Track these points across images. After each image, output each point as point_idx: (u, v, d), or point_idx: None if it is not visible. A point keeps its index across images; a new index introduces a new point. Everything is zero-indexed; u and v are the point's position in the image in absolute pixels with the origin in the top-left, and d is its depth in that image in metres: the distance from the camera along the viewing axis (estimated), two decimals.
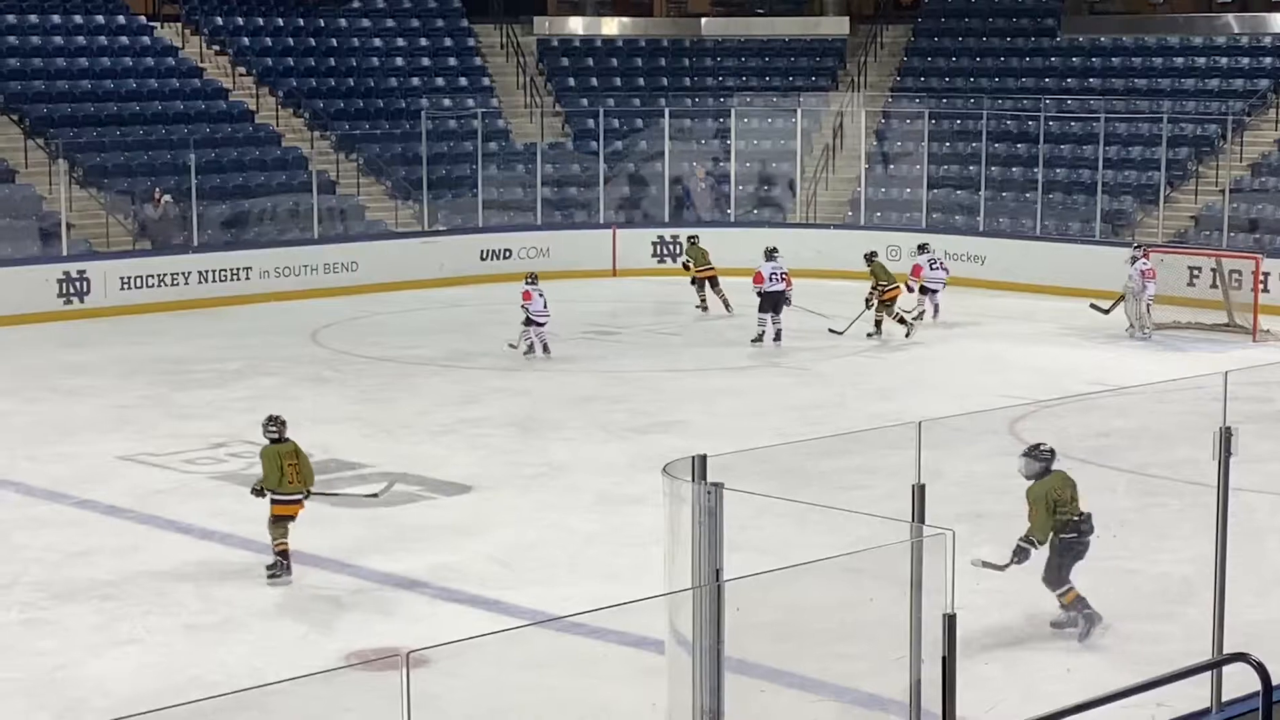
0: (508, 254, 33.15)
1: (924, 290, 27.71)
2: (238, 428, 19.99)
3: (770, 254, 26.03)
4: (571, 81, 38.82)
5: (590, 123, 36.63)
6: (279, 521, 14.34)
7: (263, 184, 32.66)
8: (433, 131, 35.11)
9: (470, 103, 36.88)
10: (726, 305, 28.30)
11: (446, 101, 37.06)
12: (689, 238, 30.56)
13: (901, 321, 26.18)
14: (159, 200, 30.45)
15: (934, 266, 27.86)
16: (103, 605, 13.71)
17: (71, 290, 28.26)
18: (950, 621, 8.19)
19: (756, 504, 9.47)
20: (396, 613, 13.66)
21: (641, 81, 39.16)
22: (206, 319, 27.82)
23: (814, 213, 35.32)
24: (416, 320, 28.71)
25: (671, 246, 33.87)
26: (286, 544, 14.31)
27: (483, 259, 32.98)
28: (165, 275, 29.18)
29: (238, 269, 29.95)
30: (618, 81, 39.07)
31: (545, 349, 24.47)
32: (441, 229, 33.58)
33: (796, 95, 37.43)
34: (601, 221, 34.70)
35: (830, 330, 26.06)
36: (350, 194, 33.75)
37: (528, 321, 24.45)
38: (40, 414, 20.93)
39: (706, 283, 28.93)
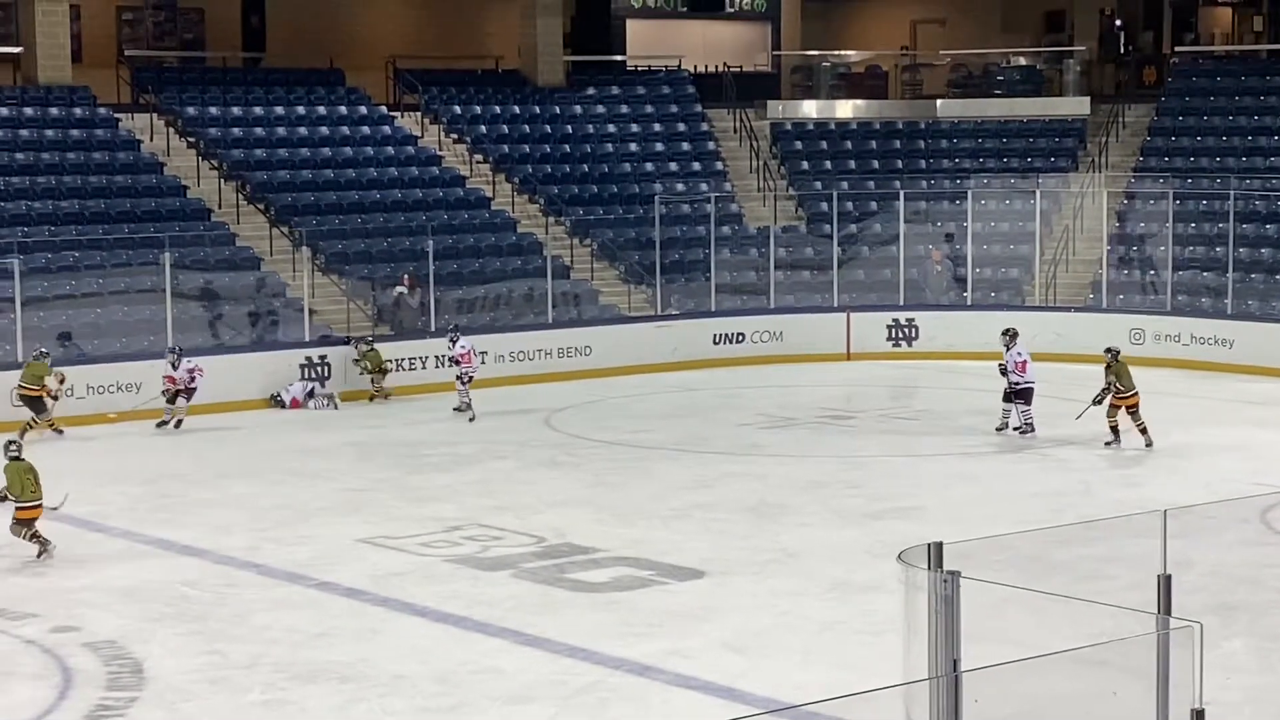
0: (740, 338, 33.13)
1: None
2: (472, 511, 20.16)
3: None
4: (805, 165, 38.78)
5: (824, 206, 36.52)
6: (21, 524, 17.77)
7: (498, 269, 33.08)
8: (666, 216, 35.28)
9: (704, 187, 37.03)
10: (385, 395, 28.77)
11: (680, 186, 37.26)
12: (367, 342, 29.08)
13: (1144, 432, 23.87)
14: (412, 285, 30.85)
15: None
16: (341, 687, 13.83)
17: (315, 375, 28.82)
18: (1199, 718, 7.92)
19: (995, 593, 9.24)
20: (631, 699, 13.56)
21: (876, 164, 38.97)
22: (441, 403, 28.17)
23: (1054, 295, 34.73)
24: (649, 404, 28.76)
25: (907, 330, 33.56)
26: (37, 531, 17.77)
27: (715, 343, 32.97)
28: (403, 359, 29.63)
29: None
30: (852, 164, 38.92)
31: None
32: (675, 313, 33.70)
33: (1035, 176, 36.94)
34: (835, 305, 34.49)
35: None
36: (584, 279, 34.02)
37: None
38: (281, 496, 21.31)
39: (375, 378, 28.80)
